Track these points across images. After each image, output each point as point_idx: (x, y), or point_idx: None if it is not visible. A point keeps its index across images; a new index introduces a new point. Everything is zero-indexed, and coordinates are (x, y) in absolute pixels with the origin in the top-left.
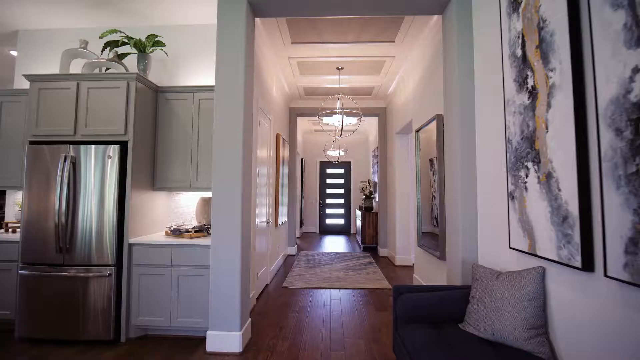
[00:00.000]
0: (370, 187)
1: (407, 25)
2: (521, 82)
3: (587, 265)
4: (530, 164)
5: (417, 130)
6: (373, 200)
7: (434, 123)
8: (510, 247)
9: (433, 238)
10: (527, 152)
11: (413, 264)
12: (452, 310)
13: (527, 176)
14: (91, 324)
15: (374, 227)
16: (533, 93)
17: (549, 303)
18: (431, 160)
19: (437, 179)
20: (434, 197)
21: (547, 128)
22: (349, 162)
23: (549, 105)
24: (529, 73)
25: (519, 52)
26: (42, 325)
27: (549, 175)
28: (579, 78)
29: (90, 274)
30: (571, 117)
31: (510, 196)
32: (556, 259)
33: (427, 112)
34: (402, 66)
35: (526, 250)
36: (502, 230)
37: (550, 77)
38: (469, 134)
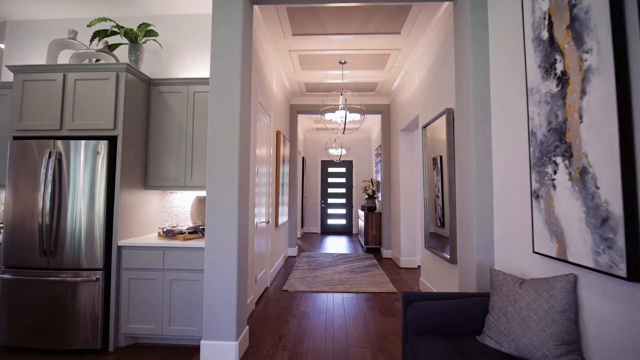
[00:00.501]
0: (373, 186)
1: (414, 15)
2: (548, 67)
3: (634, 274)
4: (559, 159)
5: (424, 127)
6: (376, 200)
7: (442, 118)
8: (534, 252)
9: (438, 239)
10: (555, 145)
11: (418, 266)
12: (469, 320)
13: (555, 172)
14: (77, 331)
15: (377, 228)
16: (563, 79)
17: (582, 315)
18: (434, 159)
19: (441, 178)
20: (438, 196)
21: (580, 118)
22: (351, 161)
23: (583, 92)
24: (558, 57)
25: (544, 35)
26: (25, 333)
27: (583, 171)
28: (622, 58)
29: (77, 279)
30: (613, 104)
31: (534, 195)
32: (592, 266)
33: (435, 107)
34: (408, 59)
35: (554, 255)
36: (523, 232)
37: (585, 60)
38: (483, 127)
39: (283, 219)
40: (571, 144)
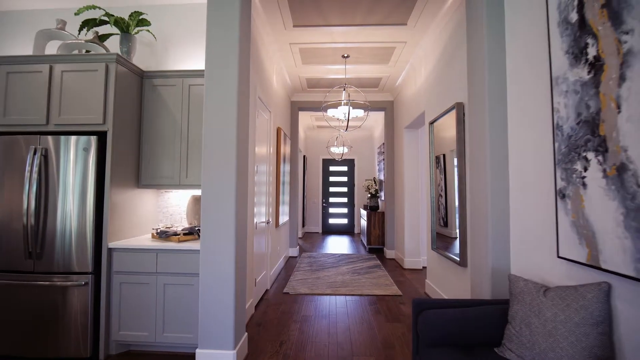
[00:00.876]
0: (375, 185)
1: (422, 4)
2: (577, 53)
3: None
4: (591, 154)
5: (432, 123)
6: (379, 199)
7: (451, 113)
8: (559, 257)
9: (442, 239)
10: (586, 139)
11: (423, 267)
12: (485, 330)
13: (585, 169)
14: (65, 339)
15: (380, 228)
16: (596, 65)
17: (616, 329)
18: (437, 157)
19: (445, 176)
20: (441, 195)
21: (618, 107)
22: (353, 160)
23: (621, 78)
24: (590, 41)
25: (573, 17)
26: (10, 340)
27: (621, 168)
28: None
29: (65, 283)
30: None
31: (560, 194)
32: (632, 274)
33: (443, 102)
34: (414, 53)
35: (584, 261)
36: (546, 235)
37: (624, 42)
38: (499, 121)
39: (284, 218)
40: (606, 138)
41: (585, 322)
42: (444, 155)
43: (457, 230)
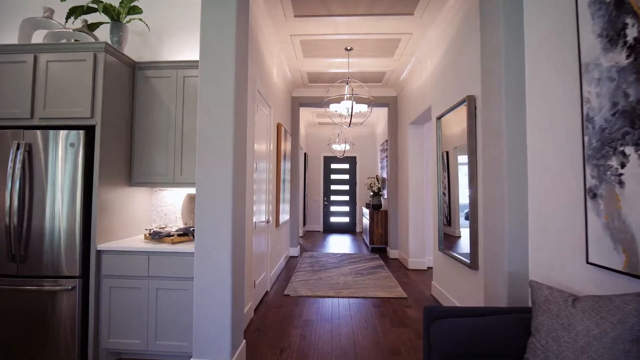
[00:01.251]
0: (378, 183)
1: None
2: (613, 36)
3: None
4: (629, 149)
5: (439, 118)
6: (381, 198)
7: (461, 108)
8: (588, 262)
9: (445, 239)
10: (624, 132)
11: (428, 268)
12: (504, 342)
13: (623, 166)
14: (51, 346)
15: (383, 227)
16: (636, 48)
17: None
18: (441, 155)
19: (448, 174)
20: (445, 194)
21: None
22: (355, 157)
23: None
24: (629, 21)
25: None
26: None
27: None
28: None
29: (52, 287)
30: None
31: (590, 193)
32: None
33: (452, 96)
34: (419, 45)
35: (619, 268)
36: (572, 238)
37: None
38: (517, 114)
39: (284, 217)
40: None
41: (623, 338)
42: (447, 153)
43: (466, 229)
